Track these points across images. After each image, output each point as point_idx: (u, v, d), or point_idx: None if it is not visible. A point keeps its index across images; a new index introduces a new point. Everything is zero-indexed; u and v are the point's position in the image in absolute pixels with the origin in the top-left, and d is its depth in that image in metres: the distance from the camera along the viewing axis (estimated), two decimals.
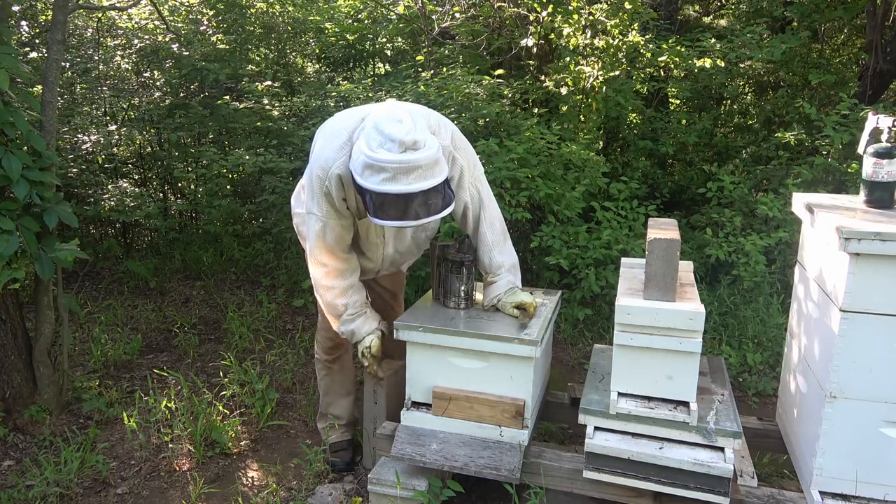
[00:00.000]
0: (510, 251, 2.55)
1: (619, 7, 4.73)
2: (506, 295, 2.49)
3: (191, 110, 5.51)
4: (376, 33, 6.84)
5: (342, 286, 2.42)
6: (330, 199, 2.24)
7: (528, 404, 2.35)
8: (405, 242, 2.60)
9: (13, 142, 2.73)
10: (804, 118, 4.80)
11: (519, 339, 2.29)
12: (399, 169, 1.96)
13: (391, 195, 1.98)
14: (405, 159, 1.96)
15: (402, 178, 1.96)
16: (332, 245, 2.34)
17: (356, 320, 2.46)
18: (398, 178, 1.96)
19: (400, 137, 1.97)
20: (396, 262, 2.73)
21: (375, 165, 1.98)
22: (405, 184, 1.97)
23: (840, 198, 2.48)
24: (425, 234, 2.68)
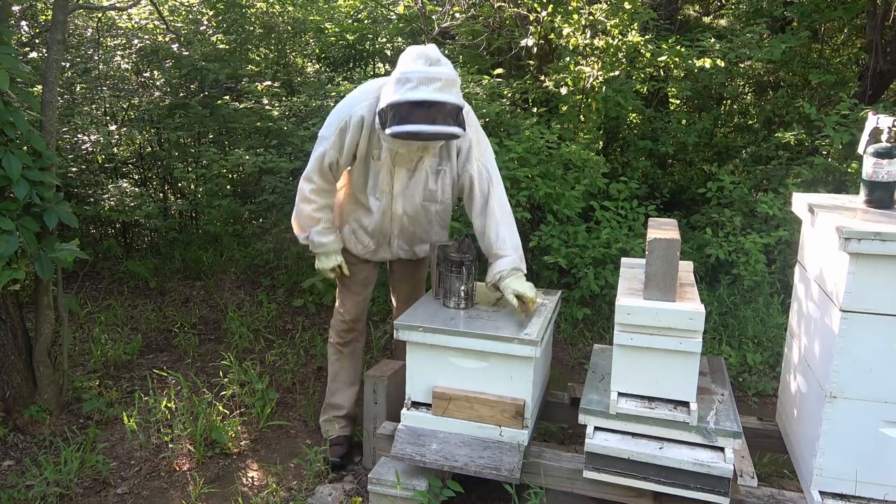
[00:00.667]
0: (516, 233, 2.59)
1: (619, 7, 4.73)
2: (509, 276, 2.49)
3: (191, 110, 5.51)
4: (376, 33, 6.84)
5: (321, 203, 2.64)
6: (342, 135, 2.49)
7: (528, 404, 2.35)
8: (414, 202, 2.64)
9: (13, 142, 2.73)
10: (804, 118, 4.80)
11: (519, 339, 2.29)
12: (422, 79, 2.21)
13: (412, 103, 2.21)
14: (429, 71, 2.23)
15: (424, 87, 2.21)
16: (325, 169, 2.57)
17: (329, 235, 2.69)
18: (420, 88, 2.21)
19: (427, 54, 2.27)
20: (407, 233, 2.75)
21: (402, 78, 2.25)
22: (426, 93, 2.20)
23: (840, 198, 2.48)
24: (435, 207, 2.70)
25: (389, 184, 2.60)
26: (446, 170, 2.61)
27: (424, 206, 2.67)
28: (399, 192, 2.62)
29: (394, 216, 2.68)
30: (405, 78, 2.24)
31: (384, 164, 2.55)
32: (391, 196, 2.63)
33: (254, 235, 5.66)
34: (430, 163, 2.58)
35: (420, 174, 2.60)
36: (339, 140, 2.51)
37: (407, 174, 2.59)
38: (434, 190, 2.64)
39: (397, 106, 2.24)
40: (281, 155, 5.15)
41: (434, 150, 2.52)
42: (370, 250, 2.80)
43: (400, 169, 2.57)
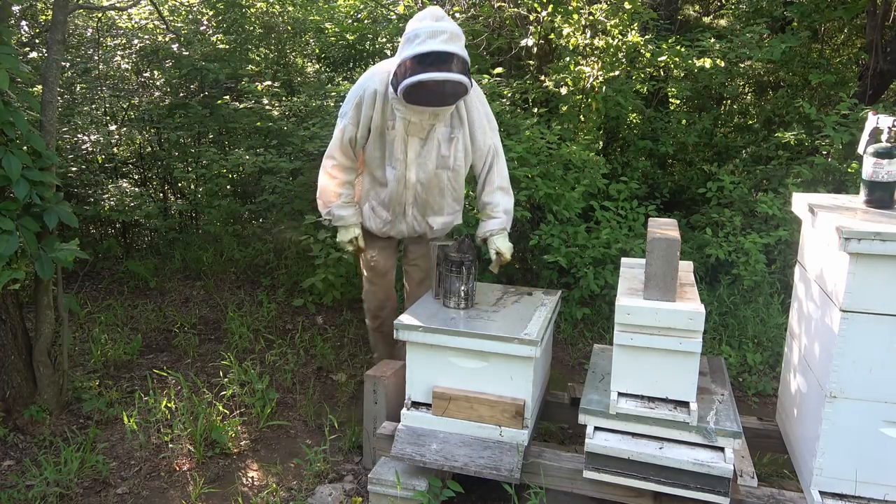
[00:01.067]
0: (511, 200, 2.89)
1: (619, 7, 4.72)
2: (497, 235, 2.84)
3: (191, 110, 5.51)
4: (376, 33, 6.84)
5: (342, 179, 2.83)
6: (358, 109, 2.68)
7: (528, 404, 2.35)
8: (427, 169, 2.76)
9: (13, 142, 2.73)
10: (804, 118, 4.80)
11: (519, 339, 2.29)
12: (429, 33, 2.40)
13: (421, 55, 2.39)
14: (435, 25, 2.43)
15: (431, 40, 2.39)
16: (345, 144, 2.76)
17: (348, 208, 2.87)
18: (427, 41, 2.40)
19: (433, 12, 2.48)
20: (421, 202, 2.85)
21: (410, 36, 2.45)
22: (434, 44, 2.38)
23: (840, 198, 2.48)
24: (447, 175, 2.81)
25: (403, 152, 2.73)
26: (458, 137, 2.75)
27: (437, 173, 2.79)
28: (413, 159, 2.74)
29: (408, 184, 2.78)
30: (413, 35, 2.44)
31: (398, 134, 2.70)
32: (405, 164, 2.75)
33: (254, 235, 5.66)
34: (441, 131, 2.72)
35: (432, 142, 2.72)
36: (356, 114, 2.69)
37: (420, 143, 2.72)
38: (447, 156, 2.76)
39: (408, 60, 2.43)
40: (281, 155, 5.15)
41: (445, 118, 2.68)
42: (388, 223, 2.92)
43: (413, 138, 2.71)
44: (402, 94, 2.48)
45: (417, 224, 2.92)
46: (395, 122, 2.66)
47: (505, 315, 2.51)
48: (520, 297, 2.75)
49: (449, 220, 2.95)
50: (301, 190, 5.10)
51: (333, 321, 4.38)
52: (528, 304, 2.66)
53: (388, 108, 2.66)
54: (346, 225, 2.89)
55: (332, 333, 4.16)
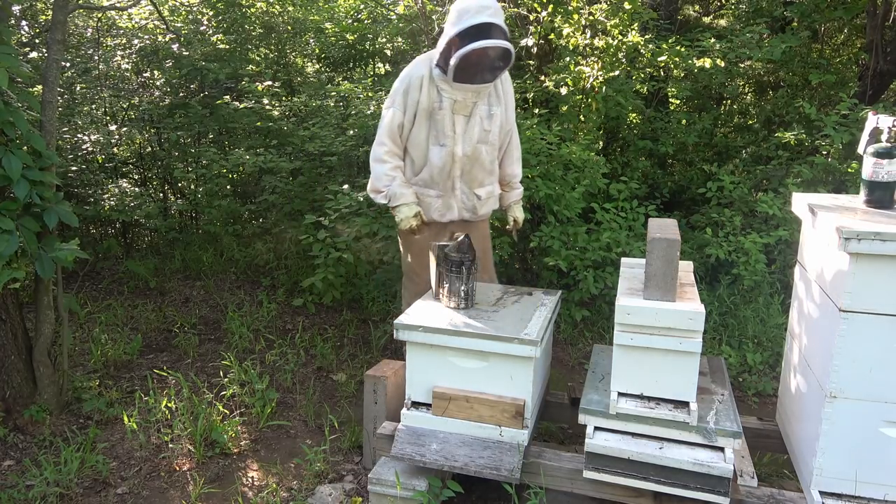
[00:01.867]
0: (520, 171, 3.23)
1: (619, 7, 4.72)
2: (516, 204, 3.22)
3: (191, 110, 5.51)
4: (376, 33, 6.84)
5: (394, 163, 2.97)
6: (406, 95, 2.87)
7: (528, 404, 2.35)
8: (472, 142, 2.95)
9: (13, 142, 2.73)
10: (804, 118, 4.80)
11: (519, 339, 2.29)
12: (477, 9, 2.65)
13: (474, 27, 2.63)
14: (480, 2, 2.67)
15: (479, 15, 2.65)
16: (394, 130, 2.93)
17: (406, 187, 2.96)
18: (476, 16, 2.65)
19: None
20: (467, 174, 3.01)
21: (460, 13, 2.68)
22: (483, 17, 2.64)
23: (840, 198, 2.48)
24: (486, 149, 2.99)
25: (452, 129, 2.91)
26: (497, 113, 2.98)
27: (477, 147, 2.97)
28: (460, 134, 2.92)
29: (455, 157, 2.95)
30: (462, 11, 2.68)
31: (446, 113, 2.89)
32: (454, 139, 2.92)
33: (254, 235, 5.66)
34: (482, 108, 2.93)
35: (475, 118, 2.92)
36: (404, 100, 2.89)
37: (464, 120, 2.92)
38: (488, 131, 2.97)
39: (457, 35, 2.67)
40: (281, 155, 5.15)
41: (484, 96, 2.91)
42: (437, 201, 3.03)
43: (458, 115, 2.90)
44: (453, 68, 2.69)
45: (466, 197, 3.05)
46: (441, 103, 2.87)
47: (505, 315, 2.51)
48: (520, 297, 2.75)
49: (490, 189, 3.11)
50: (301, 190, 5.11)
51: (333, 321, 4.38)
52: (528, 304, 2.66)
53: (433, 91, 2.86)
54: (408, 202, 2.96)
55: (332, 333, 4.16)
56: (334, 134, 5.02)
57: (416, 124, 2.92)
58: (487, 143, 2.99)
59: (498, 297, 2.75)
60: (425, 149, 2.95)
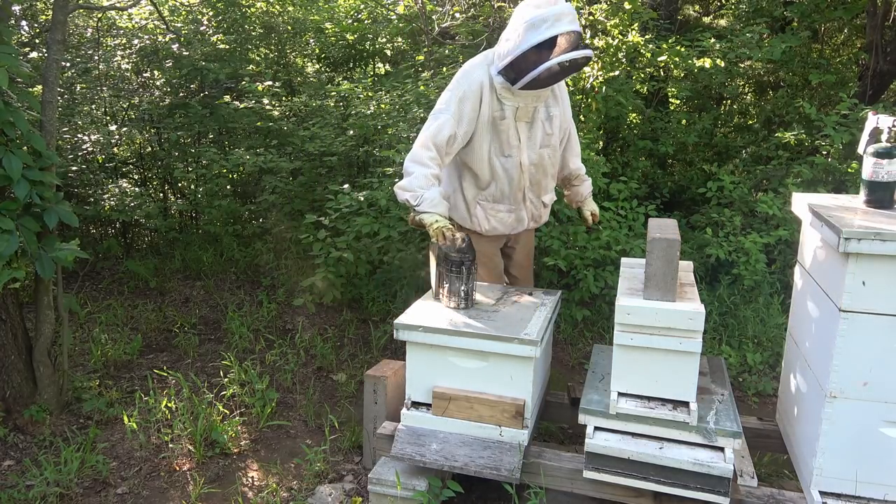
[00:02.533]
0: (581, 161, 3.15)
1: (619, 7, 4.72)
2: (588, 198, 3.18)
3: (191, 110, 5.51)
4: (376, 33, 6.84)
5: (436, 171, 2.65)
6: (462, 104, 2.65)
7: (528, 404, 2.35)
8: (536, 149, 2.81)
9: (13, 142, 2.73)
10: (804, 118, 4.80)
11: (519, 339, 2.29)
12: (556, 15, 2.42)
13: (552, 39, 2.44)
14: (558, 9, 2.44)
15: (560, 23, 2.42)
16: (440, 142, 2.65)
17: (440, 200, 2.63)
18: (556, 25, 2.42)
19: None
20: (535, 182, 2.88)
21: (535, 21, 2.43)
22: (565, 25, 2.43)
23: (840, 198, 2.48)
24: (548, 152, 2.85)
25: (517, 138, 2.77)
26: (556, 114, 2.82)
27: (541, 152, 2.83)
28: (524, 142, 2.78)
29: (523, 167, 2.81)
30: (538, 20, 2.42)
31: (510, 122, 2.71)
32: (519, 148, 2.78)
33: (254, 235, 5.66)
34: (541, 112, 2.78)
35: (537, 123, 2.78)
36: (459, 109, 2.65)
37: (527, 126, 2.77)
38: (550, 134, 2.83)
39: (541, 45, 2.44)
40: (281, 155, 5.15)
41: (543, 99, 2.76)
42: (509, 215, 2.90)
43: (520, 123, 2.75)
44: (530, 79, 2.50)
45: (534, 207, 2.95)
46: (503, 112, 2.69)
47: (505, 315, 2.51)
48: (520, 297, 2.75)
49: (552, 196, 3.05)
50: (301, 190, 5.11)
51: (333, 321, 4.38)
52: (528, 304, 2.66)
53: (494, 100, 2.68)
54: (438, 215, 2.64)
55: (332, 333, 4.16)
56: (334, 134, 5.02)
57: (475, 137, 2.72)
58: (549, 146, 2.84)
59: (498, 297, 2.75)
60: (488, 162, 2.77)
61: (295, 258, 5.11)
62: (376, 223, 3.97)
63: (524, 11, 2.49)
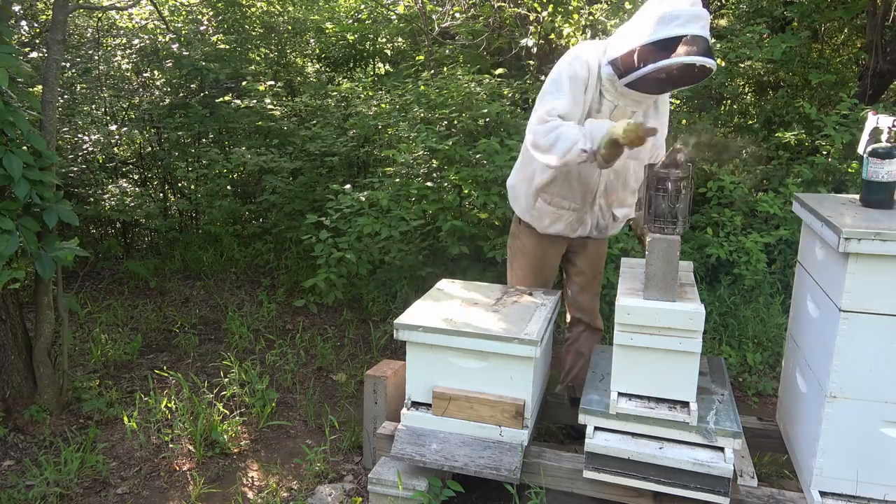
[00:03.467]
0: None
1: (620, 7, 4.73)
2: None
3: (191, 110, 5.51)
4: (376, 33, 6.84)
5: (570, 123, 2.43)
6: (575, 82, 2.44)
7: (528, 404, 2.35)
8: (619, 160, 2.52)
9: (13, 141, 2.73)
10: (804, 118, 4.80)
11: (519, 339, 2.29)
12: (690, 17, 2.24)
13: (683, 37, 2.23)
14: (693, 10, 2.25)
15: (692, 24, 2.24)
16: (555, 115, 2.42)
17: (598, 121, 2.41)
18: (687, 25, 2.23)
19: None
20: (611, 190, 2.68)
21: (669, 16, 2.24)
22: (696, 28, 2.23)
23: (840, 198, 2.48)
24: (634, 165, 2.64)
25: None
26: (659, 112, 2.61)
27: (626, 162, 2.61)
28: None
29: (602, 171, 2.60)
30: (672, 15, 2.24)
31: (603, 118, 2.48)
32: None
33: (254, 235, 5.66)
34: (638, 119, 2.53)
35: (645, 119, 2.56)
36: (573, 88, 2.44)
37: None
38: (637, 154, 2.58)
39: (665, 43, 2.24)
40: (282, 155, 5.15)
41: (645, 107, 2.55)
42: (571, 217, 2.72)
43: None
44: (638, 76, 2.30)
45: (602, 216, 2.76)
46: (601, 106, 2.50)
47: (505, 315, 2.51)
48: (520, 297, 2.75)
49: (628, 211, 2.80)
50: (301, 190, 5.11)
51: (333, 321, 4.39)
52: (528, 304, 2.66)
53: (596, 90, 2.49)
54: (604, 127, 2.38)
55: (332, 333, 4.16)
56: (335, 134, 5.02)
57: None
58: (637, 159, 2.63)
59: (498, 297, 2.74)
60: None
61: (295, 258, 5.12)
62: (378, 223, 3.97)
63: (657, 7, 2.30)
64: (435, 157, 4.26)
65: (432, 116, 4.44)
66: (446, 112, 4.29)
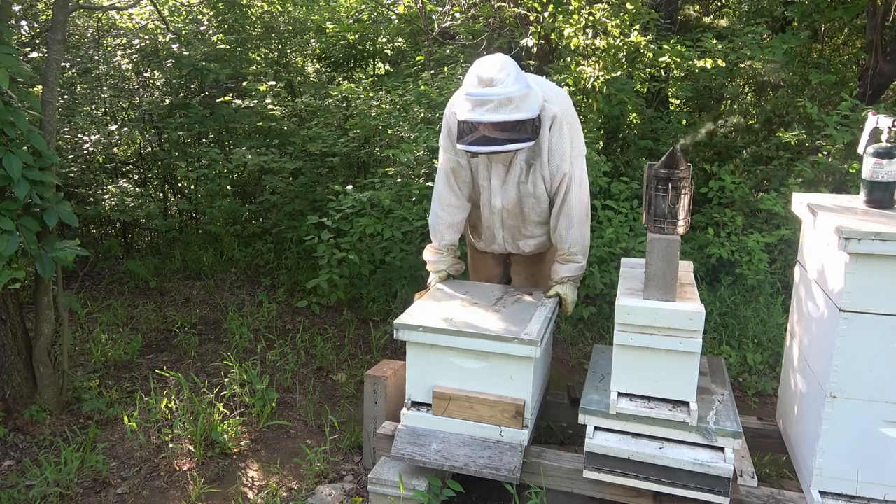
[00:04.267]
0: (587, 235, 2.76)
1: (620, 7, 4.72)
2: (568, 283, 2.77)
3: (191, 110, 5.51)
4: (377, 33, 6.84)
5: (446, 220, 2.80)
6: (449, 134, 2.64)
7: (528, 404, 2.35)
8: (510, 196, 2.69)
9: (13, 141, 2.73)
10: (804, 118, 4.79)
11: (519, 340, 2.29)
12: (476, 101, 2.33)
13: (468, 123, 2.36)
14: (483, 93, 2.32)
15: (479, 109, 2.32)
16: (450, 175, 2.72)
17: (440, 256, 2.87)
18: (475, 110, 2.33)
19: (479, 75, 2.36)
20: (508, 226, 2.81)
21: (465, 97, 2.38)
22: (478, 114, 2.32)
23: (840, 198, 2.48)
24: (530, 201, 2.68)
25: (487, 178, 2.70)
26: (536, 164, 2.63)
27: (520, 198, 2.70)
28: (497, 187, 2.69)
29: (493, 209, 2.75)
30: (466, 97, 2.37)
31: (481, 161, 2.65)
32: (490, 190, 2.72)
33: (254, 235, 5.66)
34: (522, 157, 2.62)
35: (515, 168, 2.64)
36: (448, 140, 2.66)
37: (503, 169, 2.66)
38: (526, 183, 2.66)
39: (461, 123, 2.41)
40: (282, 155, 5.15)
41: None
42: (483, 242, 2.96)
43: (496, 165, 2.65)
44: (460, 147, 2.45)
45: (509, 245, 2.90)
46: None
47: (505, 315, 2.51)
48: (520, 297, 2.75)
49: (541, 242, 2.87)
50: (302, 190, 5.11)
51: (334, 321, 4.38)
52: (528, 304, 2.66)
53: None
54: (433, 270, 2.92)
55: (332, 333, 4.16)
56: (336, 134, 5.02)
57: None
58: (530, 195, 2.67)
59: (498, 297, 2.74)
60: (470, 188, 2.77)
61: (295, 258, 5.12)
62: (379, 223, 3.97)
63: (467, 77, 2.41)
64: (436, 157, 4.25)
65: (433, 116, 4.43)
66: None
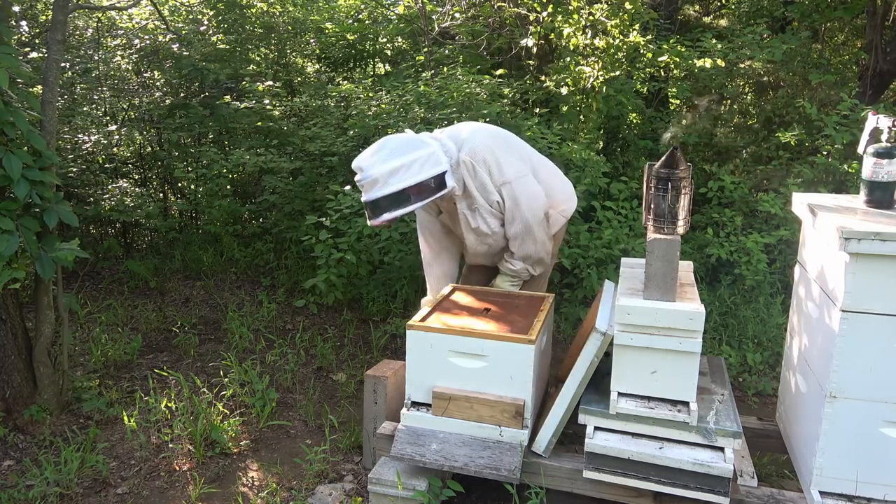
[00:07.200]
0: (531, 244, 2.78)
1: (620, 7, 4.73)
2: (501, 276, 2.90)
3: (191, 110, 5.51)
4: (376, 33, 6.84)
5: (432, 273, 3.00)
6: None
7: (527, 404, 2.35)
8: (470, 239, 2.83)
9: (13, 141, 2.73)
10: (804, 118, 4.80)
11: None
12: (363, 185, 2.55)
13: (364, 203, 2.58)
14: (357, 179, 2.56)
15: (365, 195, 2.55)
16: (424, 234, 2.98)
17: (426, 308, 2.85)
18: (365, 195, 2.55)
19: (358, 163, 2.56)
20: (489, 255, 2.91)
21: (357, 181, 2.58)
22: (363, 196, 2.56)
23: (840, 198, 2.48)
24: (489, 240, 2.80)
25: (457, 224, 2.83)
26: (476, 206, 2.72)
27: (480, 240, 2.81)
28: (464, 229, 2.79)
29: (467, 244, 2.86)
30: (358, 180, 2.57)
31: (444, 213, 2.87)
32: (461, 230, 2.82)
33: (254, 235, 5.66)
34: (462, 204, 2.73)
35: (461, 217, 2.76)
36: None
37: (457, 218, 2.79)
38: (476, 227, 2.76)
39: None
40: (281, 155, 5.15)
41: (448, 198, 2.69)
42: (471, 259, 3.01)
43: (452, 215, 2.82)
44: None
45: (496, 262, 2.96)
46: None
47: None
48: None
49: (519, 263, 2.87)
50: (301, 190, 5.11)
51: (333, 321, 4.38)
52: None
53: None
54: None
55: (332, 333, 4.16)
56: (335, 134, 5.02)
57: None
58: (485, 234, 2.77)
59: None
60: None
61: (295, 258, 5.12)
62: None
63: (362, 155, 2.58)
64: None
65: (433, 117, 4.44)
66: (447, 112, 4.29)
